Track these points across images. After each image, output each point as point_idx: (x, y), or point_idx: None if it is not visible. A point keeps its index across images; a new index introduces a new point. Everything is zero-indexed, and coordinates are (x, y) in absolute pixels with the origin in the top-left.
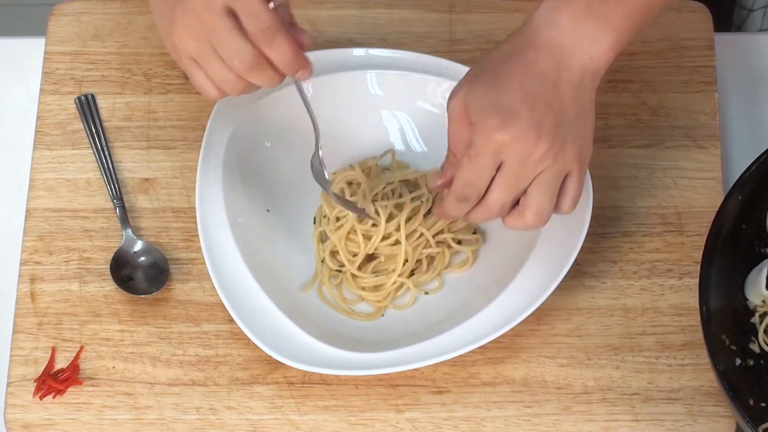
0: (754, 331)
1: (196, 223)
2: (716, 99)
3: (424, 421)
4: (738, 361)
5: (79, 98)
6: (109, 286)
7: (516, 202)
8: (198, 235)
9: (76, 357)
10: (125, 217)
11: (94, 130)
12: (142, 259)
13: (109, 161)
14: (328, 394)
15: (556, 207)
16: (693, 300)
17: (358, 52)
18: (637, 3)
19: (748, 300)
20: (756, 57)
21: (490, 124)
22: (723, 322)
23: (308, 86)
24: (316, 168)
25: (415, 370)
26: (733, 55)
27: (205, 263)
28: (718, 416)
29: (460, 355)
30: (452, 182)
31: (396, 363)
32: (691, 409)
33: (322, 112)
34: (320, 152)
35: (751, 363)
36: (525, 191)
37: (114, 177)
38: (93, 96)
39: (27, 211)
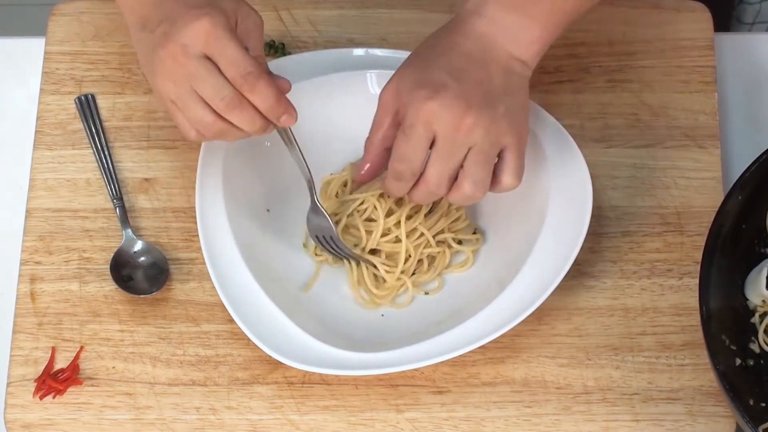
0: (754, 331)
1: (196, 223)
2: (716, 99)
3: (424, 421)
4: (738, 361)
5: (79, 98)
6: (109, 286)
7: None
8: (198, 235)
9: (76, 357)
10: (125, 217)
11: (94, 130)
12: (142, 259)
13: (109, 161)
14: (328, 394)
15: (497, 181)
16: (693, 300)
17: (358, 52)
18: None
19: (748, 300)
20: (756, 57)
21: (419, 95)
22: (723, 322)
23: (309, 86)
24: (314, 223)
25: (415, 370)
26: (733, 55)
27: (205, 263)
28: (718, 416)
29: (460, 355)
30: (373, 169)
31: (396, 363)
32: (691, 409)
33: (322, 111)
34: (318, 201)
35: (751, 363)
36: (461, 166)
37: (114, 177)
38: (93, 96)
39: (27, 211)
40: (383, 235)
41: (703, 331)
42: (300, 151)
